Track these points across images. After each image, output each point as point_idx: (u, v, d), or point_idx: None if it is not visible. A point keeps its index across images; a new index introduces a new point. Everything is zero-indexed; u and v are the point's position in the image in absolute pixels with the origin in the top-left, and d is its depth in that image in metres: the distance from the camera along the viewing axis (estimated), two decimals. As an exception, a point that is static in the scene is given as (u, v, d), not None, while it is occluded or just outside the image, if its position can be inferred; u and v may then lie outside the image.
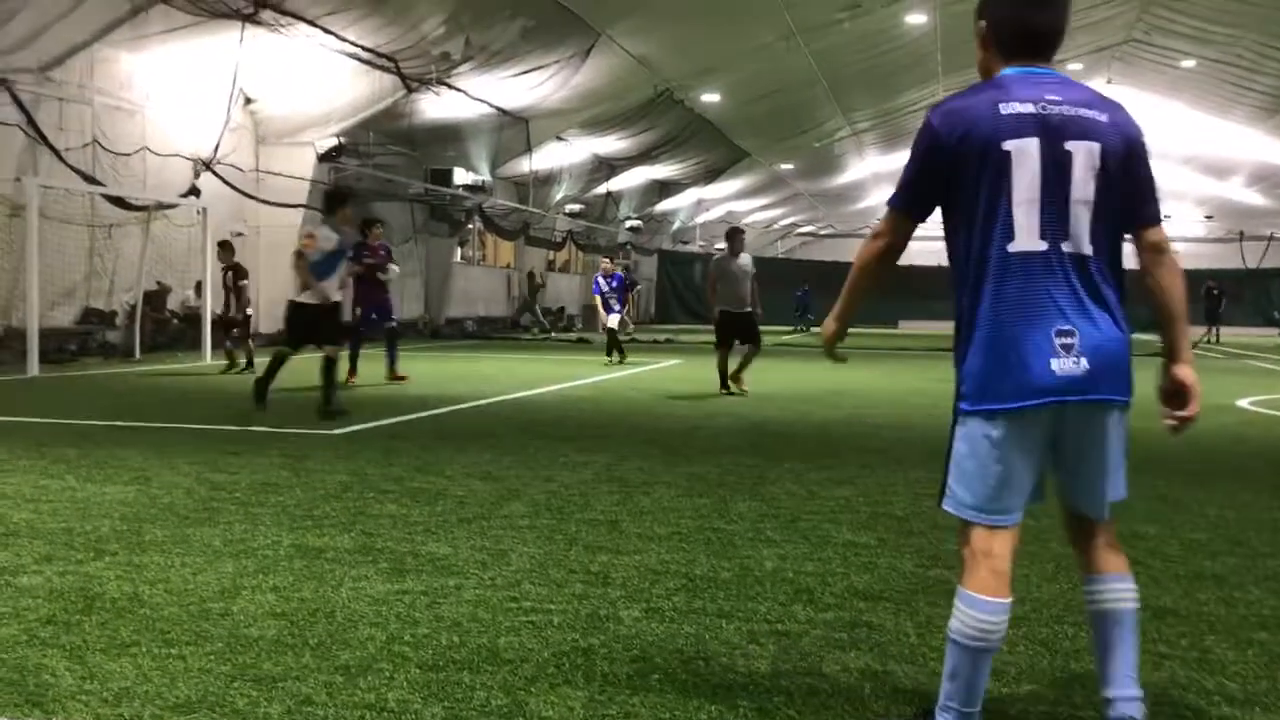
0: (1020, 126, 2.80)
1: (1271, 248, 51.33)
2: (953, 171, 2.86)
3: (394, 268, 14.88)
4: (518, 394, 13.35)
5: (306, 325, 10.37)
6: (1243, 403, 13.56)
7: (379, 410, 11.08)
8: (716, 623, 4.05)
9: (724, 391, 13.39)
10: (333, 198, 11.19)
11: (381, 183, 26.39)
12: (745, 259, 13.64)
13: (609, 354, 19.75)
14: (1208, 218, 52.95)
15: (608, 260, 21.89)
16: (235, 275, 15.91)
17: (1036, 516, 6.13)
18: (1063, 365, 2.76)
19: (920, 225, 3.05)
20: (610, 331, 20.13)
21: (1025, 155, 2.79)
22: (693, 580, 4.64)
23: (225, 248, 16.33)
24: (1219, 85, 32.71)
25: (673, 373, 17.99)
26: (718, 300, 13.48)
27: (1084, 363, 2.76)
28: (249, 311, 16.24)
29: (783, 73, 28.17)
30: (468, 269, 34.37)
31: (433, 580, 4.54)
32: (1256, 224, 51.45)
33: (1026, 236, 2.79)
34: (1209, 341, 32.92)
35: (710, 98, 29.66)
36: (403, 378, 14.38)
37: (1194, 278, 40.96)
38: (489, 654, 3.64)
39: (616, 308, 20.23)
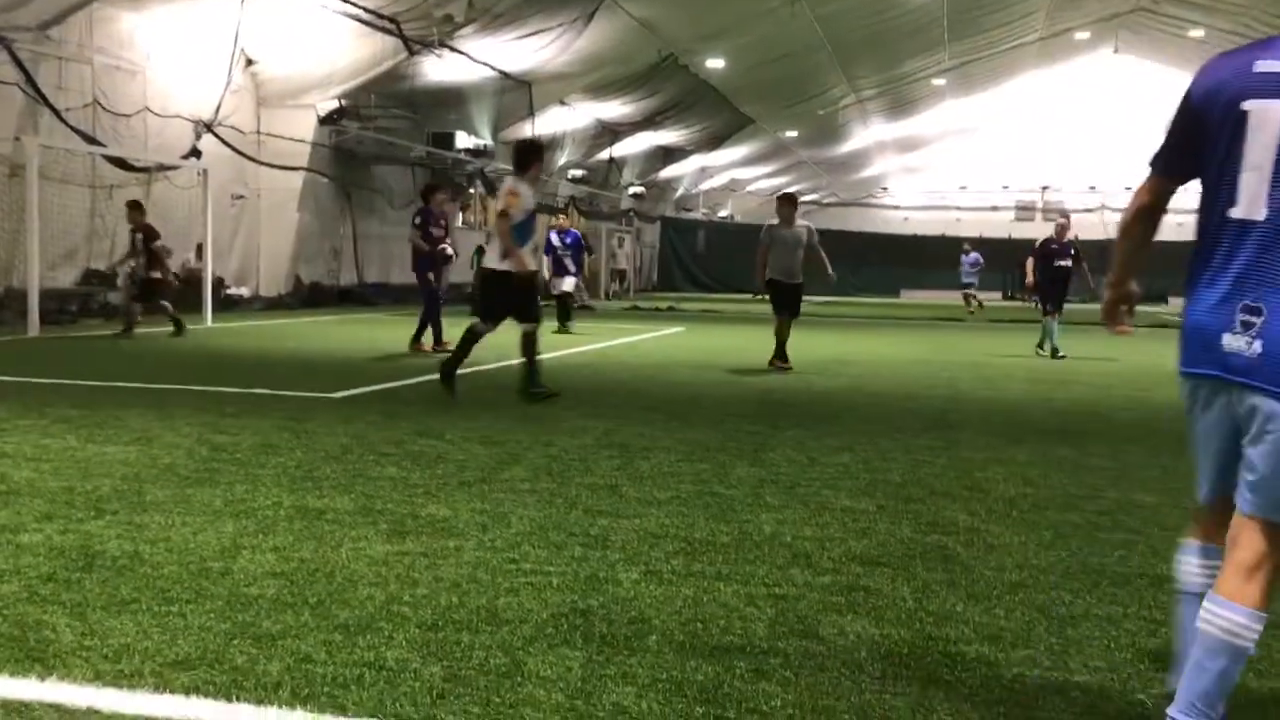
0: (1268, 87, 2.60)
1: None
2: (1198, 130, 2.73)
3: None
4: (518, 360, 13.34)
5: (505, 297, 9.13)
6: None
7: (380, 374, 11.09)
8: (714, 585, 4.06)
9: (777, 365, 12.61)
10: (527, 151, 9.55)
11: (383, 146, 26.27)
12: (799, 227, 12.77)
13: (561, 322, 17.89)
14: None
15: (562, 215, 19.26)
16: (146, 237, 15.14)
17: (1034, 484, 6.17)
18: (1233, 342, 2.63)
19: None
20: (562, 296, 18.55)
21: (1265, 118, 2.60)
22: (691, 544, 4.65)
23: (135, 208, 15.49)
24: (1227, 55, 32.48)
25: (674, 340, 17.99)
26: (769, 270, 12.61)
27: (1258, 346, 2.59)
28: (160, 274, 15.40)
29: (787, 39, 27.97)
30: (469, 234, 34.30)
31: (432, 542, 4.56)
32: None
33: (1248, 204, 2.63)
34: None
35: (714, 63, 29.46)
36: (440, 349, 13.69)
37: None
38: (488, 614, 3.66)
39: (572, 269, 18.36)
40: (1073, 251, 15.60)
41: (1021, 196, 55.60)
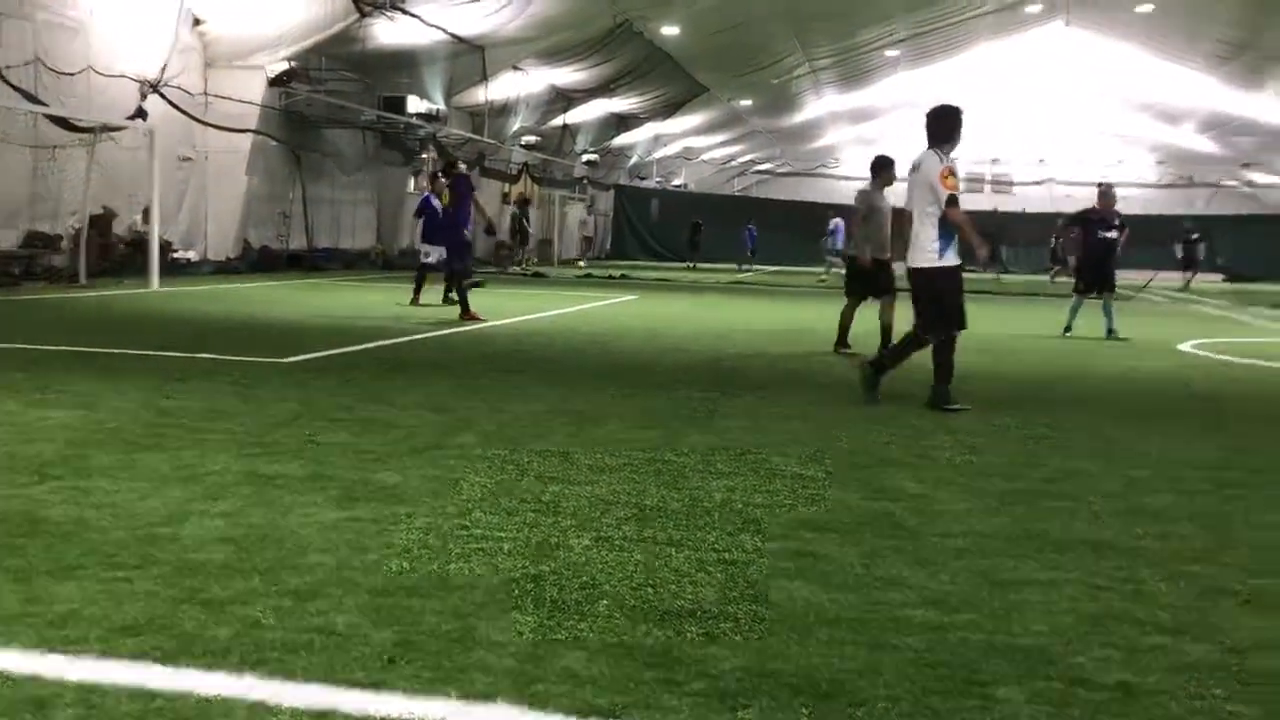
0: None
1: (1217, 195, 52.16)
2: None
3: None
4: (471, 327, 13.29)
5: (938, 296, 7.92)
6: (1185, 346, 13.80)
7: (331, 340, 11.00)
8: (666, 551, 4.09)
9: (843, 351, 11.32)
10: (953, 120, 7.98)
11: (333, 109, 25.91)
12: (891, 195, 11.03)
13: (416, 292, 16.16)
14: (1159, 163, 53.55)
15: (443, 176, 15.85)
16: None
17: (980, 452, 6.26)
18: None
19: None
20: (424, 268, 16.41)
21: None
22: (643, 510, 4.68)
23: None
24: (1175, 31, 32.81)
25: (628, 309, 17.99)
26: (865, 246, 11.08)
27: None
28: None
29: (743, 6, 27.89)
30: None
31: (383, 508, 4.54)
32: (1205, 171, 52.18)
33: None
34: (1184, 288, 32.60)
35: (670, 30, 29.30)
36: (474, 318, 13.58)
37: (1157, 224, 41.24)
38: (439, 580, 3.66)
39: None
40: (1117, 222, 14.23)
41: (971, 168, 56.01)
